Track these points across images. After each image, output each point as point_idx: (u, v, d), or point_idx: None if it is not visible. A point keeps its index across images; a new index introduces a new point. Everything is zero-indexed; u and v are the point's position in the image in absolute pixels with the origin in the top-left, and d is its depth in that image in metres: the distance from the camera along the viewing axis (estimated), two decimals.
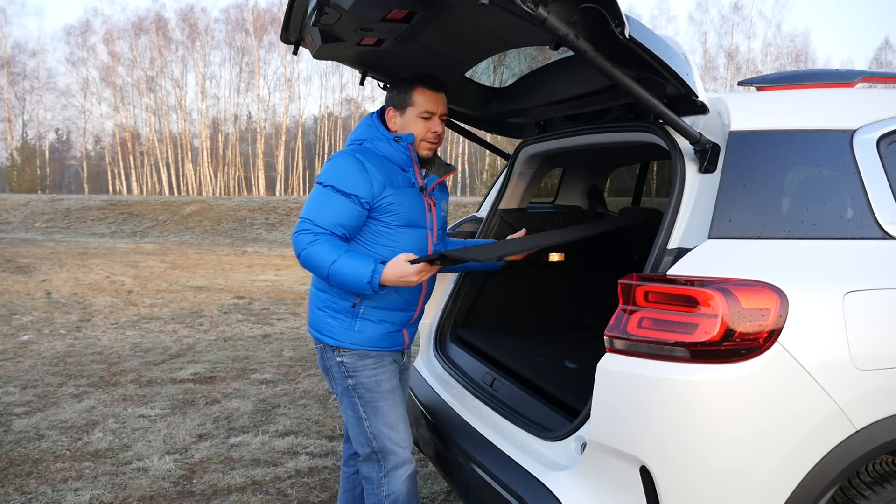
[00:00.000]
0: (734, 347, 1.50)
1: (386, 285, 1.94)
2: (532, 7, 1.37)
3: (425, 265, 1.91)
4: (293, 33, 2.33)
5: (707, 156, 1.72)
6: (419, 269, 1.91)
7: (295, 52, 2.50)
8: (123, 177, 48.43)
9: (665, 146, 1.85)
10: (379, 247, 2.09)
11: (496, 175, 3.64)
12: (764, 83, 2.07)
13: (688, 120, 1.74)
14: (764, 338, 1.51)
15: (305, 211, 2.01)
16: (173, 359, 5.51)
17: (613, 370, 1.62)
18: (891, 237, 1.72)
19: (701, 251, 1.61)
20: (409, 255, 1.93)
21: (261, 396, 4.51)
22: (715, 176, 1.70)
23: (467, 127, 3.01)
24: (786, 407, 1.53)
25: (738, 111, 1.75)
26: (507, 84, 2.71)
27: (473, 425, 2.26)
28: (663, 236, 1.69)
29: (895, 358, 1.62)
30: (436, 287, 2.93)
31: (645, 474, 1.58)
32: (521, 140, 2.92)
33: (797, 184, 1.75)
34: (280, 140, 48.72)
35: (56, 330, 6.58)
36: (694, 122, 1.76)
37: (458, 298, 2.92)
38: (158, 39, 47.26)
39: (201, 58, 48.26)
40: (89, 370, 5.10)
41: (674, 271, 1.60)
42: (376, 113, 2.21)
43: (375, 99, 45.78)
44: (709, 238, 1.63)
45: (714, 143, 1.72)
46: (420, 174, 2.16)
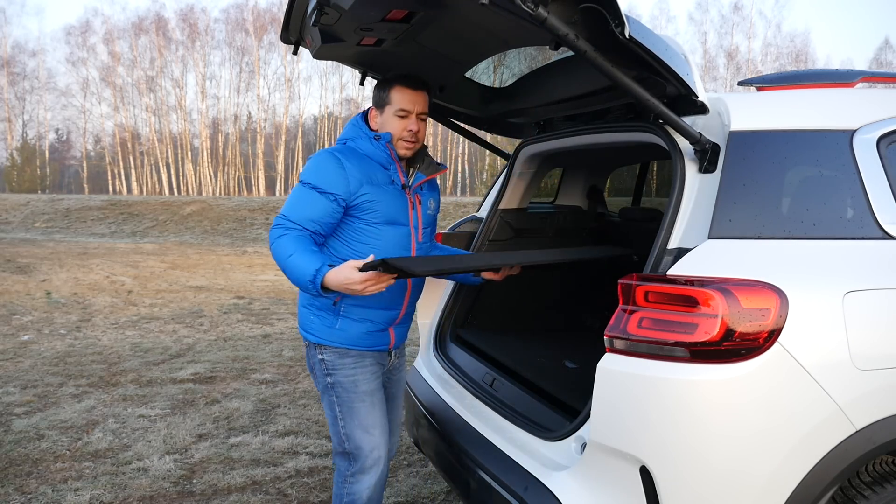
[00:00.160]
0: (734, 347, 1.50)
1: (331, 289, 1.87)
2: (532, 7, 1.37)
3: (373, 275, 1.80)
4: (293, 33, 2.33)
5: (707, 156, 1.73)
6: (365, 278, 1.80)
7: (295, 52, 2.50)
8: (123, 177, 48.46)
9: (665, 146, 1.85)
10: (359, 244, 2.09)
11: (496, 175, 3.64)
12: (764, 83, 2.07)
13: (688, 120, 1.74)
14: (764, 338, 1.51)
15: (283, 207, 2.05)
16: (173, 359, 5.51)
17: (613, 370, 1.62)
18: (891, 237, 1.72)
19: (701, 251, 1.61)
20: (359, 263, 1.84)
21: (261, 396, 4.51)
22: (715, 176, 1.70)
23: (467, 127, 3.01)
24: (786, 407, 1.53)
25: (738, 111, 1.75)
26: (507, 84, 2.71)
27: (473, 425, 2.26)
28: (663, 236, 1.70)
29: (895, 358, 1.62)
30: (436, 287, 2.94)
31: (645, 474, 1.58)
32: (521, 140, 2.92)
33: (797, 184, 1.75)
34: (280, 140, 48.73)
35: (56, 330, 6.58)
36: (694, 122, 1.77)
37: (459, 298, 2.91)
38: (158, 39, 47.28)
39: (201, 58, 48.32)
40: (89, 370, 5.10)
41: (674, 271, 1.60)
42: (362, 113, 2.24)
43: None
44: (709, 238, 1.63)
45: (714, 143, 1.72)
46: (402, 172, 2.17)
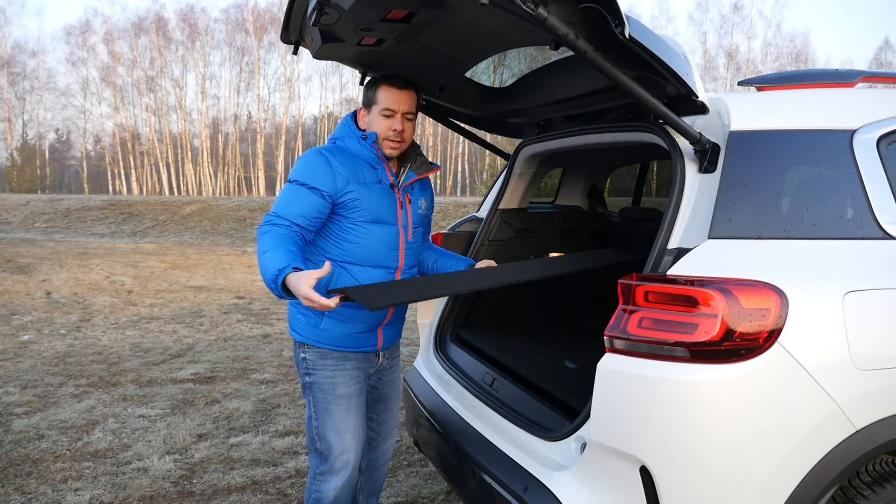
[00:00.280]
0: (734, 347, 1.50)
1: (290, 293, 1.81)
2: (532, 7, 1.37)
3: (316, 297, 1.73)
4: (293, 33, 2.33)
5: (707, 156, 1.73)
6: (306, 295, 1.73)
7: (295, 52, 2.50)
8: (123, 177, 48.47)
9: (665, 146, 1.85)
10: (347, 243, 2.10)
11: (496, 175, 3.64)
12: (764, 83, 2.07)
13: (688, 120, 1.74)
14: (764, 338, 1.51)
15: (273, 205, 2.07)
16: (173, 359, 5.51)
17: (613, 370, 1.62)
18: (891, 237, 1.72)
19: (701, 251, 1.61)
20: (320, 273, 1.77)
21: (261, 396, 4.51)
22: (715, 176, 1.70)
23: (467, 127, 3.01)
24: (786, 407, 1.53)
25: (738, 111, 1.75)
26: (507, 84, 2.71)
27: (473, 425, 2.26)
28: (663, 236, 1.70)
29: (895, 358, 1.62)
30: None
31: (645, 474, 1.58)
32: (521, 140, 2.92)
33: (797, 184, 1.75)
34: (280, 140, 48.71)
35: (56, 330, 6.58)
36: (694, 122, 1.77)
37: (459, 298, 2.91)
38: (158, 39, 47.29)
39: (201, 58, 48.32)
40: (89, 370, 5.10)
41: (674, 271, 1.60)
42: (353, 112, 2.26)
43: None
44: (709, 238, 1.63)
45: (714, 143, 1.72)
46: (390, 171, 2.18)
